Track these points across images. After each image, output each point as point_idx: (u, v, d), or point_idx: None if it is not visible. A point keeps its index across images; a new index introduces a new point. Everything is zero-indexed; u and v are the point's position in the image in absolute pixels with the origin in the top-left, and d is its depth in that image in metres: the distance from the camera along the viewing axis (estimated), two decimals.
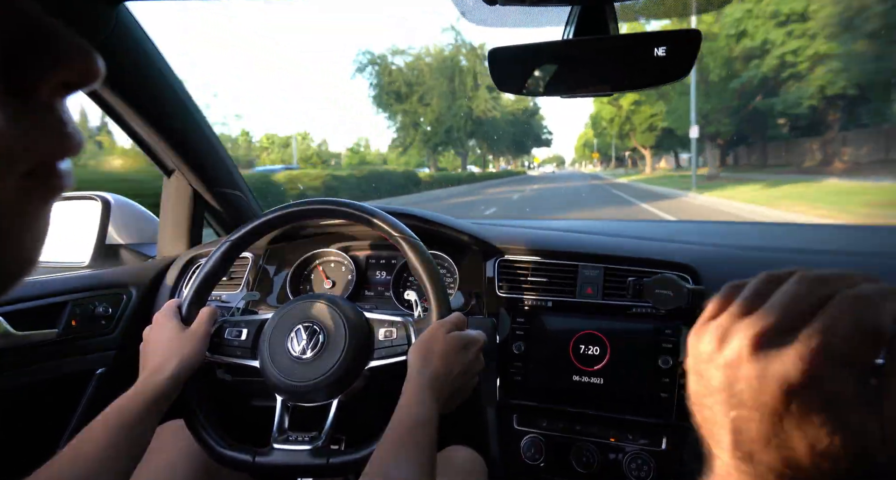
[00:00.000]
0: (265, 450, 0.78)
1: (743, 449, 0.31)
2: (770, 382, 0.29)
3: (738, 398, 0.30)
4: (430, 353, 0.74)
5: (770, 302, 0.32)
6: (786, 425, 0.29)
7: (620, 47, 0.69)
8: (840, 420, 0.28)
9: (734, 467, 0.31)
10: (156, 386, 0.74)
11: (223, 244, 0.87)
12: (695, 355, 0.35)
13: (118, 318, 1.14)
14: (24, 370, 0.99)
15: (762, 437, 0.29)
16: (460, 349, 0.76)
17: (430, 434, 0.66)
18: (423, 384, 0.70)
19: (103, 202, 1.29)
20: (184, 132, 1.17)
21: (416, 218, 1.12)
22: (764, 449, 0.30)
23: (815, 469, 0.29)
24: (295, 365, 0.80)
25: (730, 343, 0.31)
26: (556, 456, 1.02)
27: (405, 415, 0.67)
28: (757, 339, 0.30)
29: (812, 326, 0.29)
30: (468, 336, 0.79)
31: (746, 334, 0.31)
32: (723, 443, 0.32)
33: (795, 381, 0.28)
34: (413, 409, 0.67)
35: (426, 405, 0.68)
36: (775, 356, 0.29)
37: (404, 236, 0.82)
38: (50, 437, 1.04)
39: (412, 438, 0.64)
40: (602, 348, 0.99)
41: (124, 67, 0.98)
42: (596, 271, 1.04)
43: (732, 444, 0.31)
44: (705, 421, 0.34)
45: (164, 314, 0.84)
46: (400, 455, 0.63)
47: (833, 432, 0.28)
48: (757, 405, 0.29)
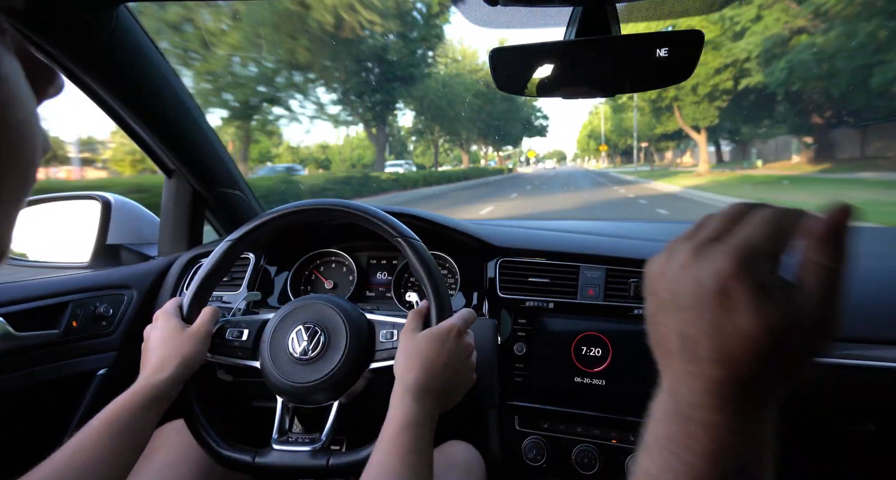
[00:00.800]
0: (265, 451, 0.78)
1: (688, 350, 0.34)
2: (706, 281, 0.33)
3: (681, 303, 0.35)
4: (409, 358, 0.72)
5: (706, 223, 0.38)
6: (720, 317, 0.33)
7: (622, 48, 0.68)
8: (767, 301, 0.32)
9: (682, 370, 0.35)
10: (155, 386, 0.74)
11: (224, 244, 0.87)
12: (649, 276, 0.39)
13: (119, 319, 1.14)
14: (25, 371, 0.99)
15: (702, 332, 0.33)
16: (438, 344, 0.73)
17: (421, 435, 0.66)
18: (405, 390, 0.69)
19: (103, 202, 1.29)
20: (184, 132, 1.16)
21: (418, 218, 1.11)
22: (704, 344, 0.33)
23: (747, 353, 0.32)
24: (296, 366, 0.80)
25: (674, 258, 0.37)
26: (557, 458, 1.02)
27: (391, 421, 0.67)
28: (694, 249, 0.36)
29: (735, 231, 0.35)
30: (441, 329, 0.75)
31: (686, 247, 0.36)
32: (672, 350, 0.36)
33: (726, 274, 0.33)
34: (397, 415, 0.67)
35: (411, 409, 0.67)
36: (709, 258, 0.34)
37: (405, 236, 0.82)
38: (51, 439, 1.04)
39: (400, 442, 0.64)
40: (604, 349, 0.99)
41: (124, 68, 0.98)
42: (598, 273, 1.04)
43: (680, 348, 0.35)
44: (659, 336, 0.38)
45: (164, 313, 0.83)
46: (391, 458, 0.63)
47: (761, 313, 0.32)
48: (697, 305, 0.34)
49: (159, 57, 1.04)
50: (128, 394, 0.72)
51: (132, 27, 0.95)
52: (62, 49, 0.88)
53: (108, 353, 1.12)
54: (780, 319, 0.32)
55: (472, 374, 0.78)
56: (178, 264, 1.23)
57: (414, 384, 0.69)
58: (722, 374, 0.33)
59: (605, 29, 0.67)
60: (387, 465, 0.62)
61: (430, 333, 0.74)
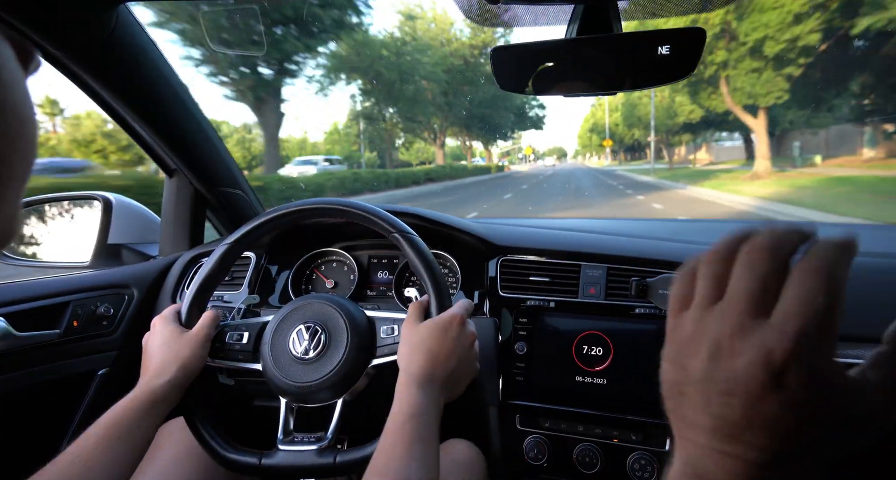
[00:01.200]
0: (271, 452, 0.78)
1: (724, 432, 0.31)
2: (754, 366, 0.29)
3: (721, 386, 0.31)
4: (413, 348, 0.73)
5: (733, 288, 0.32)
6: (771, 404, 0.29)
7: (624, 46, 0.68)
8: (826, 389, 0.28)
9: (712, 449, 0.31)
10: (154, 390, 0.74)
11: (221, 247, 0.86)
12: (674, 345, 0.36)
13: (120, 318, 1.14)
14: (25, 371, 0.99)
15: (746, 418, 0.30)
16: (441, 333, 0.74)
17: (427, 423, 0.66)
18: (409, 380, 0.70)
19: (104, 202, 1.28)
20: (185, 132, 1.16)
21: (418, 217, 1.11)
22: (747, 430, 0.30)
23: (804, 439, 0.29)
24: (297, 366, 0.80)
25: (707, 334, 0.32)
26: (559, 457, 1.02)
27: (396, 412, 0.67)
28: (734, 328, 0.31)
29: (783, 304, 0.30)
30: (443, 319, 0.75)
31: (724, 323, 0.31)
32: (701, 428, 0.32)
33: (779, 360, 0.28)
34: (402, 405, 0.67)
35: (417, 398, 0.67)
36: (756, 340, 0.29)
37: (401, 232, 0.82)
38: (52, 439, 1.04)
39: (407, 431, 0.64)
40: (605, 348, 0.99)
41: (125, 67, 0.98)
42: (599, 271, 1.04)
43: (713, 429, 0.31)
44: (681, 408, 0.34)
45: (162, 319, 0.83)
46: (397, 448, 0.63)
47: (820, 401, 0.28)
48: (742, 390, 0.30)
49: (160, 56, 1.03)
50: (127, 400, 0.72)
51: (132, 27, 0.94)
52: (63, 49, 0.88)
53: (108, 353, 1.12)
54: (835, 401, 0.29)
55: (476, 363, 0.78)
56: (180, 264, 1.23)
57: (419, 374, 0.69)
58: (767, 458, 0.30)
59: (607, 27, 0.67)
60: (394, 454, 0.62)
61: (432, 323, 0.75)
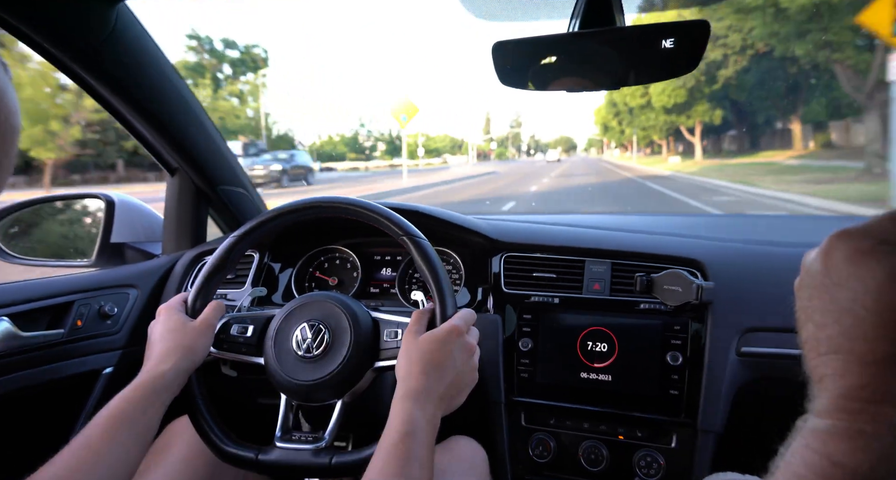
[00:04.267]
0: (268, 448, 0.78)
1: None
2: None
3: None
4: (410, 362, 0.71)
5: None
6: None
7: (627, 39, 0.67)
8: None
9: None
10: (156, 377, 0.74)
11: (229, 240, 0.86)
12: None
13: (124, 317, 1.14)
14: (30, 371, 0.99)
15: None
16: (439, 347, 0.72)
17: (422, 441, 0.65)
18: (405, 395, 0.69)
19: (107, 201, 1.28)
20: (186, 130, 1.16)
21: (422, 215, 1.11)
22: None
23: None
24: (299, 364, 0.80)
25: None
26: (564, 454, 1.01)
27: (391, 428, 0.66)
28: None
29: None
30: (441, 332, 0.74)
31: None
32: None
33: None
34: (397, 421, 0.66)
35: (412, 415, 0.66)
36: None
37: (410, 235, 0.81)
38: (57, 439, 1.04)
39: (401, 449, 0.63)
40: (610, 344, 0.98)
41: (125, 66, 0.97)
42: (603, 267, 1.03)
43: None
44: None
45: (168, 308, 0.83)
46: (390, 466, 0.62)
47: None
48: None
49: (160, 55, 1.03)
50: (130, 387, 0.72)
51: (133, 26, 0.94)
52: (63, 48, 0.87)
53: (113, 352, 1.12)
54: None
55: (475, 374, 0.77)
56: (183, 262, 1.23)
57: (415, 390, 0.68)
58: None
59: (610, 20, 0.66)
60: (386, 473, 0.61)
61: (430, 336, 0.73)
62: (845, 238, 0.37)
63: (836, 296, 0.36)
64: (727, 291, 0.94)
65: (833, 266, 0.37)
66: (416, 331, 0.75)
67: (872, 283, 0.34)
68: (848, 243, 0.37)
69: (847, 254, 0.36)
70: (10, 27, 0.81)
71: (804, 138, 25.93)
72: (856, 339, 0.34)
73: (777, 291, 0.93)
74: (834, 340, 0.36)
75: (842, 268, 0.36)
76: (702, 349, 0.94)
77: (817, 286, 0.38)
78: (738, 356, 0.91)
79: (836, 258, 0.37)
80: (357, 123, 77.30)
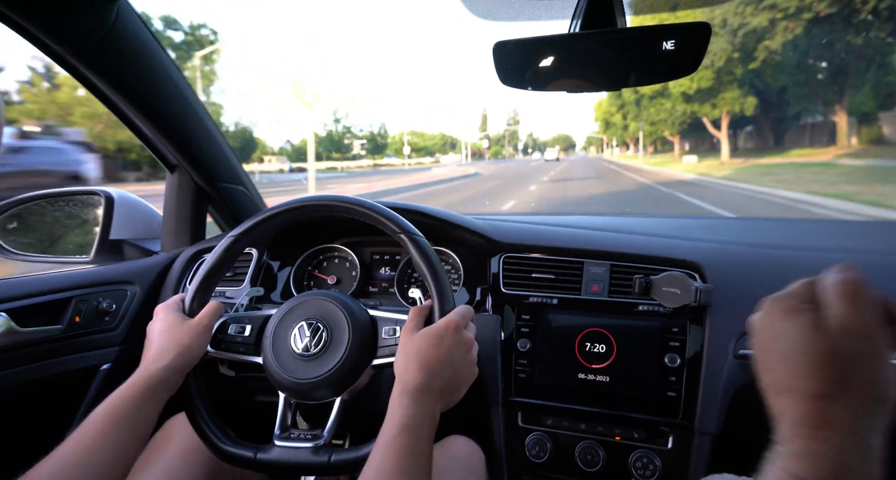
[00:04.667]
0: (267, 447, 0.78)
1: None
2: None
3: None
4: (408, 358, 0.72)
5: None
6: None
7: (628, 41, 0.67)
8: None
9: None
10: (153, 375, 0.74)
11: (227, 239, 0.86)
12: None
13: (122, 314, 1.14)
14: (28, 366, 0.99)
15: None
16: (437, 342, 0.72)
17: (420, 436, 0.65)
18: (403, 391, 0.69)
19: (106, 198, 1.28)
20: (186, 127, 1.16)
21: (421, 214, 1.11)
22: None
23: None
24: (298, 362, 0.80)
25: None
26: (561, 454, 1.01)
27: (389, 423, 0.66)
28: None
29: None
30: (438, 327, 0.74)
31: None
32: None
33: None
34: (395, 417, 0.67)
35: (410, 411, 0.67)
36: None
37: (408, 233, 0.81)
38: (55, 434, 1.04)
39: (398, 444, 0.63)
40: (608, 346, 0.98)
41: (125, 62, 0.97)
42: (602, 269, 1.03)
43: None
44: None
45: (165, 307, 0.84)
46: (388, 461, 0.62)
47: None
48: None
49: (160, 51, 1.03)
50: (126, 385, 0.73)
51: (133, 22, 0.94)
52: (63, 44, 0.87)
53: (111, 348, 1.12)
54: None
55: (474, 369, 0.77)
56: (182, 260, 1.23)
57: (413, 386, 0.68)
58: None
59: (611, 21, 0.66)
60: (384, 468, 0.62)
61: (427, 332, 0.73)
62: (778, 301, 0.47)
63: (778, 347, 0.45)
64: (725, 293, 0.94)
65: (771, 323, 0.46)
66: (413, 327, 0.75)
67: (799, 334, 0.43)
68: (778, 305, 0.46)
69: (779, 313, 0.46)
70: (11, 22, 0.81)
71: (849, 133, 22.17)
72: (797, 379, 0.42)
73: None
74: (782, 381, 0.44)
75: (777, 324, 0.45)
76: (700, 351, 0.94)
77: (764, 340, 0.47)
78: (736, 358, 0.91)
79: (773, 317, 0.46)
80: (331, 118, 71.21)
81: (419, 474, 0.63)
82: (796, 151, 24.47)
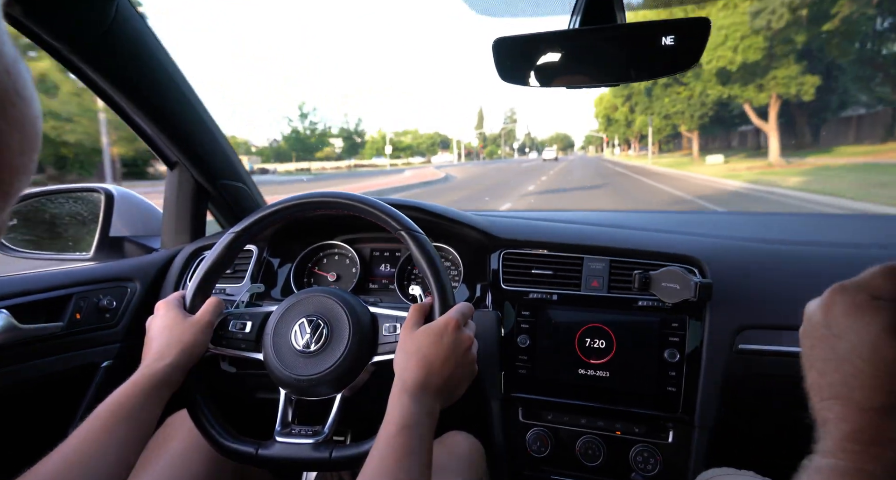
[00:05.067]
0: (268, 443, 0.78)
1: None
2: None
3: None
4: (408, 356, 0.72)
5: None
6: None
7: (627, 36, 0.67)
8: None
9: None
10: (155, 373, 0.74)
11: (227, 236, 0.86)
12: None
13: (122, 311, 1.15)
14: (29, 363, 0.99)
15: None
16: (436, 340, 0.72)
17: (420, 435, 0.65)
18: (403, 389, 0.69)
19: (106, 195, 1.28)
20: (186, 124, 1.16)
21: (421, 210, 1.11)
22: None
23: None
24: (298, 359, 0.80)
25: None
26: (561, 449, 1.02)
27: (388, 421, 0.66)
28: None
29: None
30: (438, 325, 0.73)
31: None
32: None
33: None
34: (394, 415, 0.67)
35: (409, 409, 0.67)
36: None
37: (408, 229, 0.81)
38: (56, 431, 1.04)
39: (398, 443, 0.64)
40: (608, 341, 0.98)
41: (124, 59, 0.97)
42: (601, 264, 1.03)
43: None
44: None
45: (166, 303, 0.84)
46: (387, 460, 0.62)
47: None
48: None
49: (160, 48, 1.03)
50: (129, 383, 0.73)
51: (132, 18, 0.94)
52: (63, 41, 0.87)
53: (111, 345, 1.12)
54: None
55: (474, 366, 0.77)
56: (182, 257, 1.23)
57: (412, 383, 0.68)
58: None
59: (611, 17, 0.66)
60: (384, 467, 0.62)
61: (427, 329, 0.73)
62: (843, 293, 0.40)
63: (835, 346, 0.39)
64: (725, 288, 0.94)
65: (832, 319, 0.40)
66: (412, 325, 0.75)
67: (868, 336, 0.37)
68: (845, 298, 0.40)
69: (845, 308, 0.39)
70: (10, 18, 0.81)
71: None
72: (854, 387, 0.37)
73: (774, 289, 0.94)
74: (834, 387, 0.38)
75: (840, 321, 0.39)
76: (699, 346, 0.94)
77: (819, 337, 0.41)
78: (735, 353, 0.92)
79: (835, 312, 0.40)
80: (297, 114, 65.59)
81: (419, 471, 0.63)
82: (845, 149, 18.86)
